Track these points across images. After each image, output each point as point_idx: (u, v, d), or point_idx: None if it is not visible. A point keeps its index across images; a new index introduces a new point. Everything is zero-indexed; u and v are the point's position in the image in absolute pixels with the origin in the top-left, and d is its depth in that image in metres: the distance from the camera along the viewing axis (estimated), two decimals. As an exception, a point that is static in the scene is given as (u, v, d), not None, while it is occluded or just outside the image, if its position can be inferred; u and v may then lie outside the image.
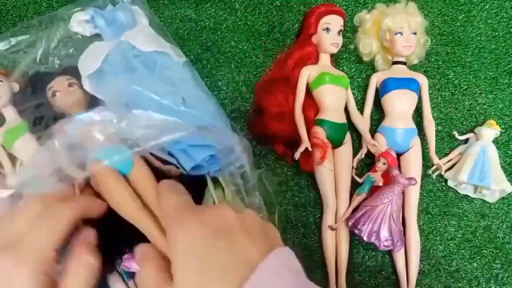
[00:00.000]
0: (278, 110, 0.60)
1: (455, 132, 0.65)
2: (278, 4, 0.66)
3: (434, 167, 0.63)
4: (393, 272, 0.61)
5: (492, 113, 0.67)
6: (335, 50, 0.63)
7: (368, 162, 0.63)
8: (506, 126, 0.66)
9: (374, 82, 0.64)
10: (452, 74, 0.68)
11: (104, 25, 0.51)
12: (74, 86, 0.50)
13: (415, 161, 0.61)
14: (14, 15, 0.63)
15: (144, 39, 0.50)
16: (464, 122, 0.67)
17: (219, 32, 0.65)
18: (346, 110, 0.63)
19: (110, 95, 0.45)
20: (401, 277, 0.59)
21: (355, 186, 0.61)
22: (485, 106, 0.67)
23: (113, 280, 0.47)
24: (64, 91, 0.49)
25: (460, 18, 0.69)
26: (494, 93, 0.68)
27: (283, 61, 0.63)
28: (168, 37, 0.55)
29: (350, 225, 0.57)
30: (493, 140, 0.63)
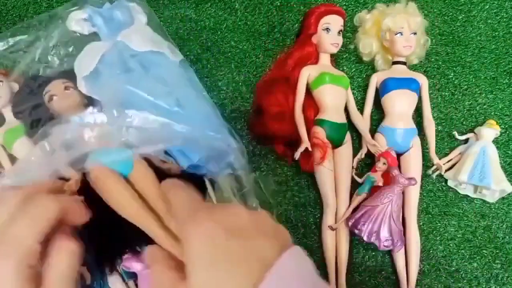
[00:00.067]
0: (278, 110, 0.60)
1: (455, 132, 0.65)
2: (278, 4, 0.66)
3: (434, 167, 0.63)
4: (393, 272, 0.61)
5: (492, 113, 0.67)
6: (335, 50, 0.63)
7: (368, 162, 0.63)
8: (506, 126, 0.66)
9: (374, 82, 0.64)
10: (452, 74, 0.68)
11: (102, 24, 0.51)
12: (70, 89, 0.50)
13: (415, 161, 0.61)
14: (14, 15, 0.63)
15: (140, 39, 0.50)
16: (464, 122, 0.67)
17: (219, 32, 0.65)
18: (346, 110, 0.63)
19: (106, 96, 0.45)
20: (401, 277, 0.59)
21: (355, 186, 0.61)
22: (485, 106, 0.67)
23: (113, 280, 0.47)
24: (61, 95, 0.49)
25: (460, 18, 0.69)
26: (494, 93, 0.68)
27: (283, 61, 0.63)
28: (166, 35, 0.54)
29: (350, 225, 0.57)
30: (493, 140, 0.63)
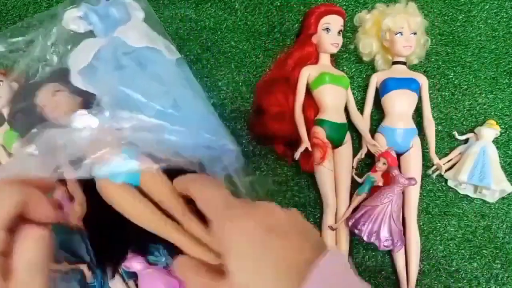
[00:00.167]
0: (278, 110, 0.60)
1: (455, 132, 0.65)
2: (278, 4, 0.66)
3: (434, 167, 0.62)
4: (393, 272, 0.61)
5: (492, 113, 0.67)
6: (335, 50, 0.63)
7: (368, 162, 0.63)
8: (506, 126, 0.66)
9: (374, 82, 0.64)
10: (452, 74, 0.68)
11: (97, 21, 0.50)
12: (58, 94, 0.47)
13: (415, 161, 0.61)
14: (14, 15, 0.63)
15: (136, 34, 0.49)
16: (464, 122, 0.67)
17: (219, 32, 0.65)
18: (346, 110, 0.63)
19: (102, 91, 0.44)
20: (401, 277, 0.59)
21: (355, 186, 0.61)
22: (485, 106, 0.67)
23: (113, 280, 0.47)
24: (50, 104, 0.47)
25: (460, 18, 0.69)
26: (494, 93, 0.68)
27: (283, 61, 0.63)
28: (164, 33, 0.54)
29: (350, 225, 0.57)
30: (493, 140, 0.63)
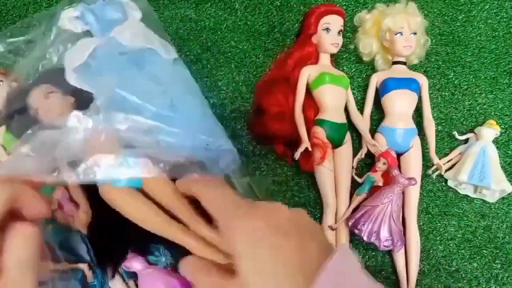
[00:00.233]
0: (278, 110, 0.60)
1: (455, 132, 0.65)
2: (278, 4, 0.66)
3: (434, 167, 0.62)
4: (393, 272, 0.61)
5: (492, 113, 0.67)
6: (335, 50, 0.63)
7: (368, 162, 0.63)
8: (506, 126, 0.66)
9: (374, 82, 0.64)
10: (452, 74, 0.68)
11: (94, 21, 0.50)
12: (50, 96, 0.46)
13: (415, 161, 0.61)
14: (14, 15, 0.63)
15: (133, 34, 0.48)
16: (464, 122, 0.67)
17: (219, 32, 0.65)
18: (346, 110, 0.63)
19: (97, 90, 0.43)
20: (401, 277, 0.59)
21: (355, 186, 0.61)
22: (485, 106, 0.67)
23: (113, 280, 0.47)
24: (43, 106, 0.45)
25: (460, 18, 0.69)
26: (494, 93, 0.68)
27: (283, 61, 0.63)
28: (163, 32, 0.53)
29: (350, 225, 0.57)
30: (493, 140, 0.63)
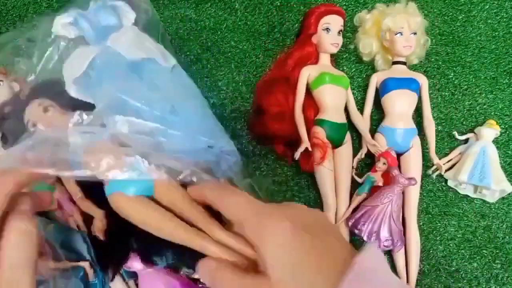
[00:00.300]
0: (278, 110, 0.60)
1: (455, 132, 0.65)
2: (278, 4, 0.66)
3: (434, 167, 0.62)
4: (393, 272, 0.61)
5: (492, 113, 0.67)
6: (335, 50, 0.63)
7: (368, 162, 0.63)
8: (506, 126, 0.66)
9: (374, 82, 0.64)
10: (452, 74, 0.68)
11: (88, 28, 0.49)
12: (50, 110, 0.45)
13: (415, 161, 0.61)
14: (14, 15, 0.63)
15: (130, 45, 0.47)
16: (464, 122, 0.67)
17: (219, 32, 0.65)
18: (346, 110, 0.63)
19: (98, 100, 0.43)
20: (401, 277, 0.59)
21: (355, 186, 0.61)
22: (485, 106, 0.67)
23: (113, 280, 0.47)
24: (43, 120, 0.45)
25: (460, 18, 0.69)
26: (494, 93, 0.68)
27: (283, 61, 0.63)
28: (162, 34, 0.53)
29: (350, 225, 0.57)
30: (493, 140, 0.63)
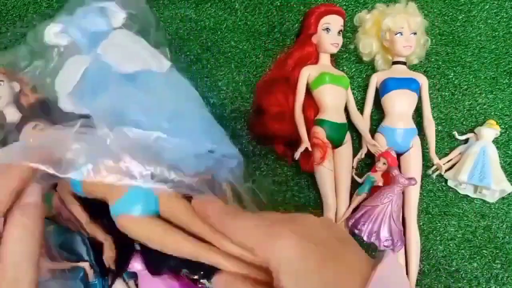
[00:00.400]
0: (278, 110, 0.60)
1: (455, 132, 0.65)
2: (278, 4, 0.66)
3: (434, 167, 0.63)
4: (393, 272, 0.61)
5: (492, 113, 0.67)
6: (335, 50, 0.63)
7: (368, 162, 0.63)
8: (506, 126, 0.66)
9: (374, 82, 0.64)
10: (452, 74, 0.68)
11: (79, 35, 0.48)
12: (39, 128, 0.45)
13: (415, 161, 0.61)
14: (14, 15, 0.63)
15: (122, 57, 0.46)
16: (464, 122, 0.67)
17: (219, 32, 0.65)
18: (346, 110, 0.63)
19: (94, 111, 0.43)
20: (401, 277, 0.59)
21: (355, 186, 0.61)
22: (485, 106, 0.67)
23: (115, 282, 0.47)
24: None
25: (460, 18, 0.69)
26: (494, 93, 0.68)
27: (283, 61, 0.63)
28: (159, 33, 0.51)
29: (350, 225, 0.57)
30: (493, 140, 0.63)
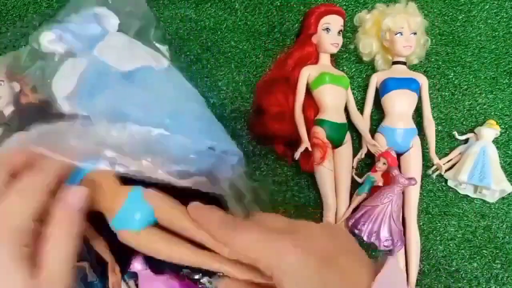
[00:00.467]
0: (278, 110, 0.60)
1: (455, 132, 0.65)
2: (278, 4, 0.66)
3: (434, 167, 0.63)
4: (393, 272, 0.61)
5: (492, 113, 0.67)
6: (335, 50, 0.63)
7: (368, 162, 0.63)
8: (506, 126, 0.66)
9: (374, 82, 0.64)
10: (452, 74, 0.68)
11: (74, 41, 0.47)
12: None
13: (415, 161, 0.61)
14: (14, 15, 0.63)
15: (119, 56, 0.46)
16: (464, 122, 0.67)
17: (219, 32, 0.65)
18: (346, 110, 0.63)
19: (93, 112, 0.42)
20: (401, 277, 0.60)
21: (355, 186, 0.61)
22: (485, 106, 0.67)
23: (113, 280, 0.47)
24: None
25: (460, 18, 0.69)
26: (494, 93, 0.68)
27: (283, 61, 0.63)
28: (157, 34, 0.52)
29: (350, 225, 0.57)
30: (493, 140, 0.63)
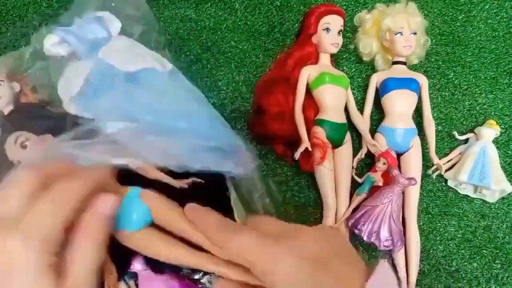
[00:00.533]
0: (278, 110, 0.60)
1: (455, 132, 0.65)
2: (278, 4, 0.66)
3: (434, 167, 0.62)
4: (393, 272, 0.61)
5: (492, 113, 0.67)
6: (335, 50, 0.63)
7: (368, 162, 0.63)
8: (506, 126, 0.66)
9: (374, 82, 0.64)
10: (452, 74, 0.68)
11: (78, 44, 0.47)
12: (27, 144, 0.43)
13: (415, 161, 0.61)
14: (14, 15, 0.63)
15: (123, 58, 0.46)
16: (464, 122, 0.67)
17: (219, 32, 0.65)
18: (346, 110, 0.63)
19: (99, 115, 0.41)
20: (401, 277, 0.59)
21: (355, 186, 0.61)
22: (485, 106, 0.67)
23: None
24: (23, 157, 0.43)
25: (460, 18, 0.69)
26: (494, 93, 0.68)
27: (283, 61, 0.63)
28: (158, 36, 0.52)
29: (350, 225, 0.57)
30: (493, 140, 0.63)
